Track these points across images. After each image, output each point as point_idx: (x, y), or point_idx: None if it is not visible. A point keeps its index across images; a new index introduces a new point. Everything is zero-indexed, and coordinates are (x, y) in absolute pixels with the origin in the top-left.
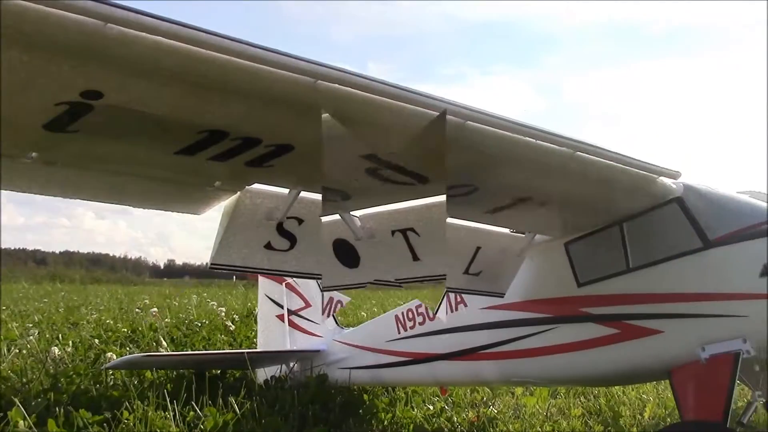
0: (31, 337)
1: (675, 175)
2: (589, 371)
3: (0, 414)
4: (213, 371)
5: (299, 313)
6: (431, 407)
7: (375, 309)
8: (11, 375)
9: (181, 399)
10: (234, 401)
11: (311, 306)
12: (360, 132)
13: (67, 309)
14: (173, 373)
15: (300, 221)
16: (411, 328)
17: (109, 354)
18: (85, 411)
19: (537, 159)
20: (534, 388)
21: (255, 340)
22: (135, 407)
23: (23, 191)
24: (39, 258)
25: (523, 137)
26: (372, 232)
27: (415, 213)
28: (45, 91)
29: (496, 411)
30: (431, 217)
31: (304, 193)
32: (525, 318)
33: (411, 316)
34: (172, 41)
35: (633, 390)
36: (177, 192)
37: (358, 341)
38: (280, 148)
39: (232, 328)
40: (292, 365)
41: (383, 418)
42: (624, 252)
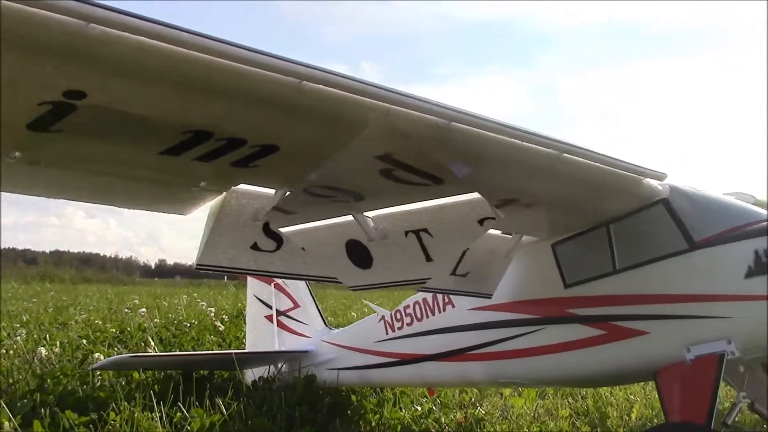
0: (18, 338)
1: (661, 177)
2: (576, 372)
3: None
4: (201, 372)
5: (288, 314)
6: (419, 408)
7: (365, 310)
8: None
9: (169, 400)
10: (221, 402)
11: (300, 306)
12: (345, 133)
13: (56, 309)
14: (161, 374)
15: None
16: (399, 328)
17: (97, 354)
18: (72, 412)
19: (523, 160)
20: (522, 389)
21: (244, 340)
22: (122, 408)
23: (7, 191)
24: (29, 258)
25: (509, 138)
26: (385, 232)
27: (429, 214)
28: (28, 91)
29: (483, 412)
30: (445, 218)
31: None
32: (512, 319)
33: (399, 316)
34: (154, 41)
35: (621, 391)
36: (162, 192)
37: (346, 342)
38: (265, 148)
39: (221, 328)
40: (280, 366)
41: (371, 419)
42: (611, 253)
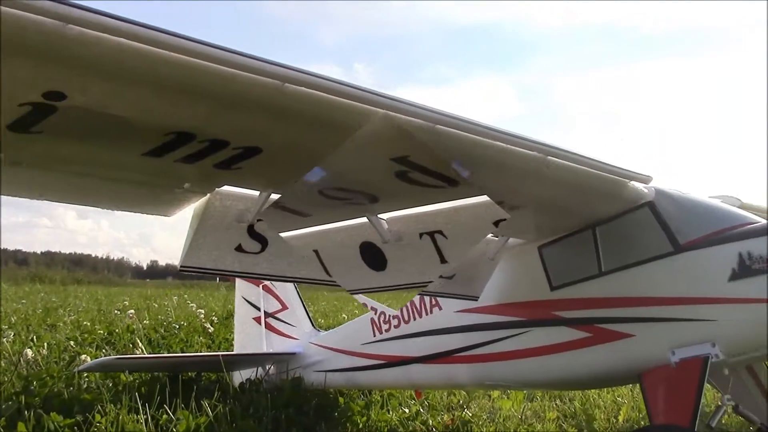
0: (5, 340)
1: (646, 180)
2: (562, 375)
3: None
4: (188, 374)
5: (276, 316)
6: (407, 410)
7: (356, 311)
8: None
9: (155, 402)
10: (207, 404)
11: (288, 308)
12: (327, 134)
13: (45, 310)
14: (148, 376)
15: None
16: (386, 330)
17: (83, 356)
18: (57, 414)
19: (508, 163)
20: (510, 391)
21: (233, 342)
22: (107, 410)
23: None
24: (20, 258)
25: (494, 141)
26: (399, 234)
27: (443, 216)
28: (7, 92)
29: (470, 414)
30: (460, 220)
31: (275, 196)
32: (498, 321)
33: (387, 319)
34: (133, 42)
35: (608, 393)
36: (146, 194)
37: (333, 344)
38: (248, 150)
39: (210, 330)
40: (268, 368)
41: (358, 421)
42: (596, 256)
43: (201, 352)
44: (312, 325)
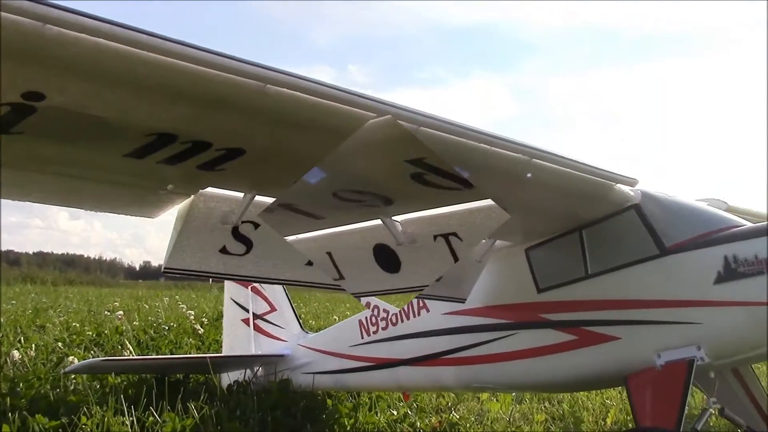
0: None
1: (632, 183)
2: (549, 377)
3: None
4: (176, 376)
5: (265, 317)
6: (395, 413)
7: (348, 313)
8: None
9: (142, 404)
10: (193, 406)
11: (276, 310)
12: (310, 136)
13: (35, 311)
14: (135, 377)
15: (256, 225)
16: (374, 333)
17: (71, 358)
18: (42, 416)
19: (493, 165)
20: (499, 393)
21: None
22: (93, 412)
23: None
24: (12, 259)
25: (479, 144)
26: (413, 237)
27: (458, 217)
28: None
29: (458, 417)
30: (474, 222)
31: (261, 198)
32: (485, 324)
33: (374, 321)
34: (111, 43)
35: (597, 396)
36: (130, 195)
37: (321, 346)
38: (231, 151)
39: (200, 331)
40: (256, 370)
41: (346, 423)
42: (583, 258)
43: (190, 353)
44: (300, 327)
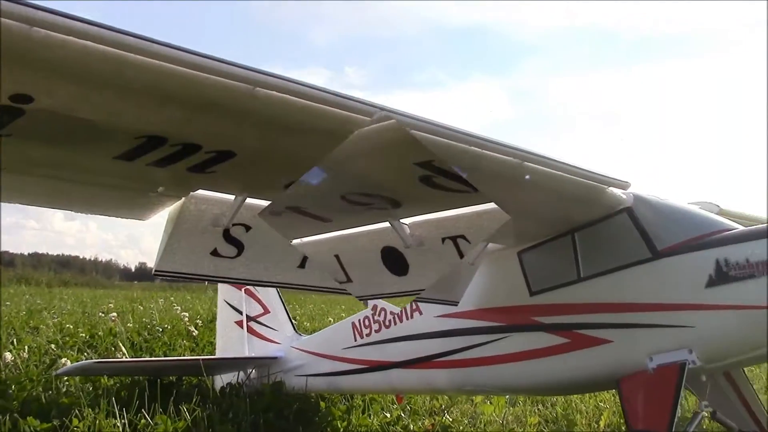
0: None
1: (625, 186)
2: (541, 380)
3: None
4: (169, 378)
5: (258, 320)
6: (388, 415)
7: (343, 315)
8: None
9: (134, 406)
10: (186, 409)
11: (270, 312)
12: (300, 139)
13: (29, 312)
14: (127, 380)
15: (247, 228)
16: (367, 335)
17: (64, 360)
18: (34, 419)
19: (485, 168)
20: (492, 396)
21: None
22: (85, 415)
23: None
24: (7, 260)
25: (470, 146)
26: (421, 239)
27: (466, 220)
28: None
29: (451, 419)
30: (483, 224)
31: (252, 200)
32: (478, 326)
33: (367, 323)
34: (99, 45)
35: (591, 398)
36: (120, 197)
37: (314, 348)
38: (221, 154)
39: (195, 333)
40: (249, 372)
41: (339, 425)
42: (575, 261)
43: (184, 355)
44: (294, 329)
